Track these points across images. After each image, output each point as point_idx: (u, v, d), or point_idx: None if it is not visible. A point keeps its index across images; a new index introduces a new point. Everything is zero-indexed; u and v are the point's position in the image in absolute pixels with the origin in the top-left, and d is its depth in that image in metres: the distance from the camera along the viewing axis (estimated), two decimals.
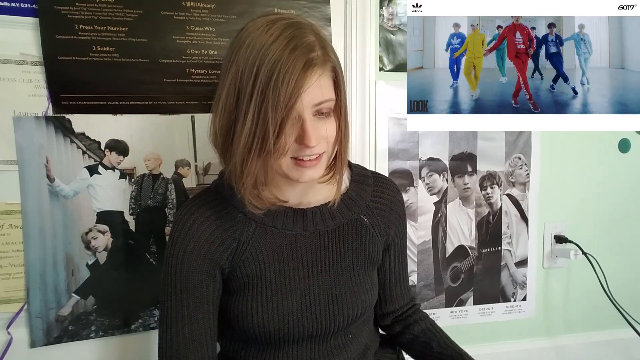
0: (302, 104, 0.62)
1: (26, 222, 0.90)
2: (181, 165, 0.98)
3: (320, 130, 0.65)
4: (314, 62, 0.62)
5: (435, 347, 0.84)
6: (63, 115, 0.90)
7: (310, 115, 0.64)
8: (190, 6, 0.95)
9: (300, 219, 0.75)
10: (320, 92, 0.64)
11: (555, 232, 1.26)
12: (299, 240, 0.74)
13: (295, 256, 0.73)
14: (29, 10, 0.87)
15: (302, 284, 0.73)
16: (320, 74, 0.63)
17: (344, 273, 0.76)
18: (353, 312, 0.75)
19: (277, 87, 0.59)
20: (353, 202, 0.78)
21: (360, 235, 0.78)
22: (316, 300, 0.73)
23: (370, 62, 1.07)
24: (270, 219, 0.73)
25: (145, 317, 0.98)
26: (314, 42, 0.63)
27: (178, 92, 0.95)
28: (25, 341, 0.91)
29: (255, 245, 0.72)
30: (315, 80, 0.62)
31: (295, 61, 0.60)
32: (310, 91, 0.62)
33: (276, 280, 0.72)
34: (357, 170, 0.83)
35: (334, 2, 1.04)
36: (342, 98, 0.68)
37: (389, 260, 0.85)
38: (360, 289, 0.76)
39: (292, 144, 0.64)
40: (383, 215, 0.81)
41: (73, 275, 0.93)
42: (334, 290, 0.74)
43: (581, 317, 1.31)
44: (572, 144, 1.24)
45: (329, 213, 0.76)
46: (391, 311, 0.87)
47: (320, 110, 0.65)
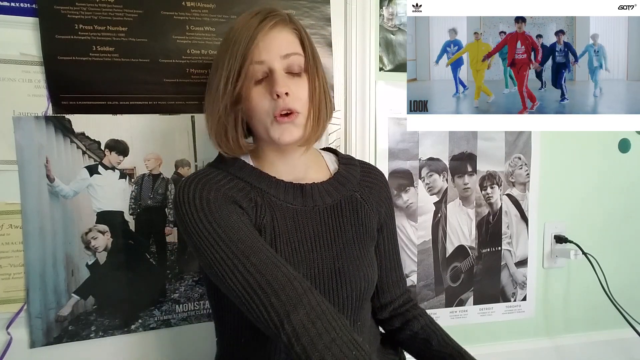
0: (269, 54, 0.69)
1: (26, 222, 0.90)
2: (181, 165, 0.98)
3: (292, 87, 0.70)
4: (272, 18, 0.70)
5: (435, 344, 0.84)
6: (63, 115, 0.90)
7: (282, 70, 0.70)
8: (190, 6, 0.95)
9: (299, 195, 0.76)
10: (284, 44, 0.70)
11: (555, 232, 1.26)
12: (300, 215, 0.75)
13: (298, 230, 0.74)
14: (29, 10, 0.87)
15: (307, 257, 0.74)
16: (281, 29, 0.71)
17: (345, 248, 0.77)
18: (357, 286, 0.75)
19: (237, 38, 0.69)
20: (345, 179, 0.82)
21: (356, 210, 0.80)
22: (320, 274, 0.73)
23: (370, 62, 1.07)
24: (273, 191, 0.75)
25: (145, 317, 0.98)
26: (278, 11, 0.72)
27: (178, 92, 0.95)
28: (25, 341, 0.91)
29: (269, 210, 0.73)
30: (275, 32, 0.70)
31: (254, 19, 0.70)
32: (272, 41, 0.69)
33: (284, 251, 0.72)
34: (342, 155, 0.88)
35: (334, 2, 1.04)
36: (311, 59, 0.73)
37: (382, 242, 0.87)
38: (362, 263, 0.77)
39: (268, 100, 0.70)
40: (373, 194, 0.84)
41: (73, 275, 0.93)
42: (337, 264, 0.75)
43: (581, 317, 1.31)
44: (572, 144, 1.24)
45: (325, 190, 0.79)
46: (388, 302, 0.88)
47: (290, 66, 0.71)
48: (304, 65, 0.72)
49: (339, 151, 0.89)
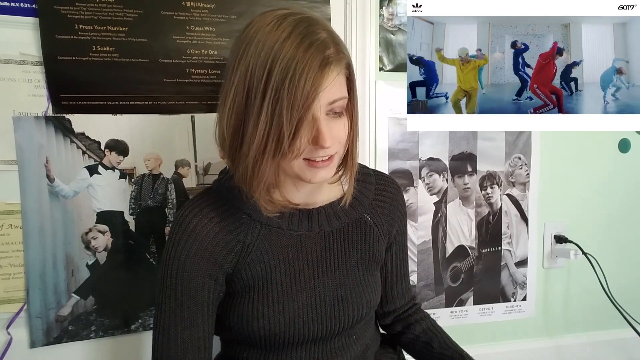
0: (320, 103, 0.60)
1: (26, 222, 0.89)
2: (181, 165, 0.98)
3: (333, 130, 0.63)
4: (329, 60, 0.60)
5: (437, 347, 0.83)
6: (63, 115, 0.90)
7: (324, 115, 0.62)
8: (190, 6, 0.95)
9: (305, 220, 0.74)
10: (335, 91, 0.62)
11: (555, 232, 1.26)
12: (304, 240, 0.73)
13: (301, 257, 0.73)
14: (29, 10, 0.87)
15: (308, 285, 0.72)
16: (338, 73, 0.62)
17: (349, 273, 0.75)
18: (358, 312, 0.75)
19: (292, 87, 0.57)
20: (357, 201, 0.77)
21: (364, 235, 0.77)
22: (322, 301, 0.72)
23: (370, 62, 1.07)
24: (275, 220, 0.72)
25: (145, 317, 0.98)
26: (327, 39, 0.61)
27: (178, 92, 0.95)
28: (25, 341, 0.91)
29: (261, 246, 0.71)
30: (332, 79, 0.60)
31: (311, 60, 0.58)
32: (327, 90, 0.60)
33: (282, 281, 0.71)
34: (358, 169, 0.82)
35: (334, 2, 1.04)
36: (354, 95, 0.67)
37: (390, 258, 0.85)
38: (366, 289, 0.76)
39: (306, 145, 0.62)
40: (386, 214, 0.80)
41: (73, 275, 0.93)
42: (339, 291, 0.74)
43: (581, 317, 1.31)
44: (572, 144, 1.24)
45: (333, 213, 0.75)
46: (392, 310, 0.87)
47: (333, 109, 0.63)
48: (346, 106, 0.65)
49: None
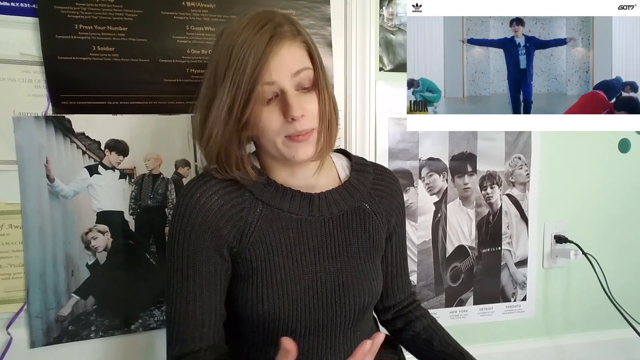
0: (279, 74, 0.65)
1: (26, 222, 0.90)
2: (181, 165, 0.98)
3: (303, 103, 0.67)
4: (280, 34, 0.65)
5: (437, 345, 0.83)
6: (63, 115, 0.90)
7: (292, 88, 0.67)
8: (190, 6, 0.95)
9: (307, 204, 0.75)
10: (294, 61, 0.67)
11: (555, 232, 1.26)
12: (304, 225, 0.74)
13: (302, 241, 0.73)
14: (29, 10, 0.87)
15: (309, 269, 0.73)
16: (290, 45, 0.66)
17: (350, 261, 0.76)
18: (360, 301, 0.75)
19: (244, 60, 0.63)
20: (355, 189, 0.79)
21: (363, 222, 0.78)
22: (323, 287, 0.73)
23: (370, 62, 1.07)
24: (277, 201, 0.73)
25: (145, 317, 0.98)
26: (282, 21, 0.67)
27: (178, 92, 0.95)
28: (25, 341, 0.91)
29: (262, 227, 0.72)
30: (284, 49, 0.65)
31: (262, 37, 0.64)
32: (283, 61, 0.65)
33: (284, 264, 0.72)
34: (356, 159, 0.84)
35: (334, 2, 1.04)
36: (319, 69, 0.70)
37: (390, 250, 0.86)
38: (367, 277, 0.76)
39: (280, 122, 0.67)
40: (384, 203, 0.81)
41: (73, 276, 0.93)
42: (341, 278, 0.74)
43: (581, 317, 1.31)
44: (572, 143, 1.24)
45: (332, 199, 0.77)
46: (392, 305, 0.88)
47: (301, 83, 0.67)
48: (313, 79, 0.69)
49: (352, 154, 0.86)
